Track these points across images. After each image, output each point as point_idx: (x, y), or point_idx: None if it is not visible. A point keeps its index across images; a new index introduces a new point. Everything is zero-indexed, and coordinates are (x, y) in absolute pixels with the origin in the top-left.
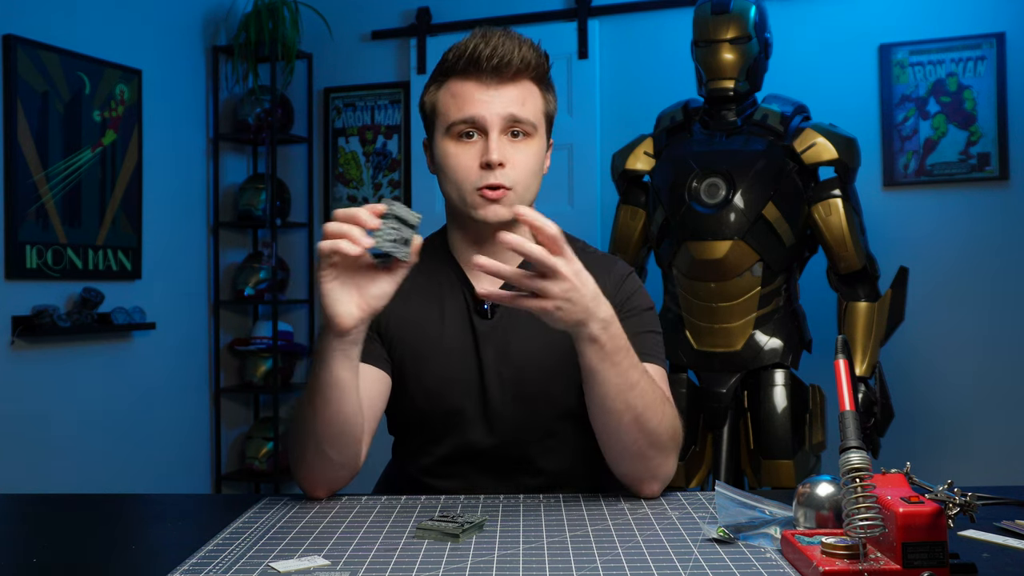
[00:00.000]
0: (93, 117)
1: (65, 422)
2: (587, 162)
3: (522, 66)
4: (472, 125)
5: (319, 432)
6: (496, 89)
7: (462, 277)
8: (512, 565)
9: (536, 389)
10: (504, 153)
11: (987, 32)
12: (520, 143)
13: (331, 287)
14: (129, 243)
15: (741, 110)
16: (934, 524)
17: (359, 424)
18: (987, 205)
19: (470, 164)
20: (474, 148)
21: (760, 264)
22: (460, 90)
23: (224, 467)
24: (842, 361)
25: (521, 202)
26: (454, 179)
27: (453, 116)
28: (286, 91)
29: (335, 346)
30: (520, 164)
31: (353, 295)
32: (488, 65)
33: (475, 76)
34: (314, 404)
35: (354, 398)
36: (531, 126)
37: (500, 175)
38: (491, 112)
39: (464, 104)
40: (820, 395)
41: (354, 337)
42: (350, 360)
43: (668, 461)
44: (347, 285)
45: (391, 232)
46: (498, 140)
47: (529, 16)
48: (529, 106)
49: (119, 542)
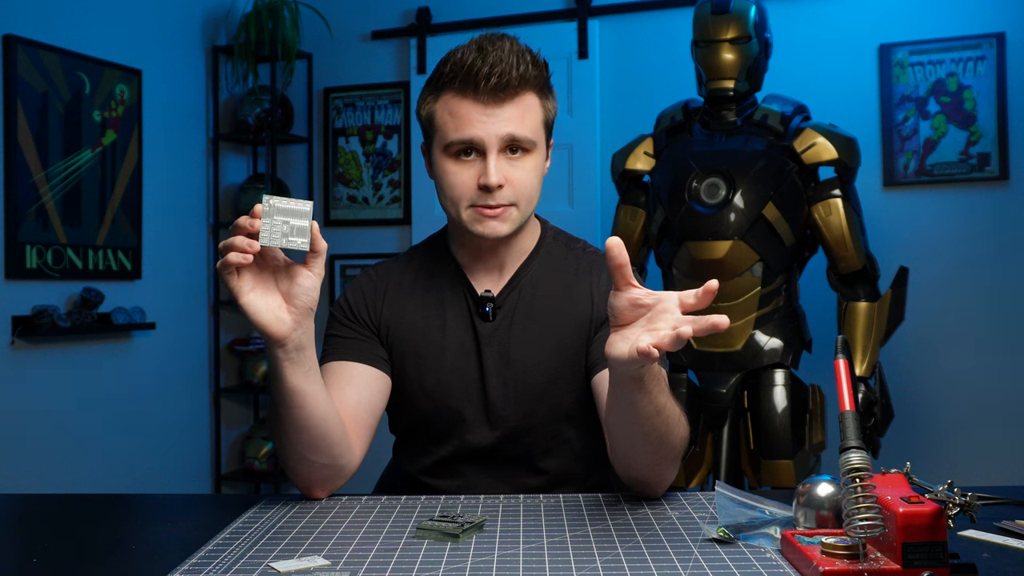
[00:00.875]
0: (93, 117)
1: (65, 422)
2: (587, 162)
3: (521, 82)
4: (470, 145)
5: (294, 440)
6: (495, 108)
7: (463, 279)
8: (512, 565)
9: (537, 390)
10: (503, 172)
11: (987, 32)
12: (519, 160)
13: (249, 299)
14: (129, 243)
15: (741, 110)
16: (934, 524)
17: (336, 426)
18: (987, 205)
19: (468, 183)
20: (472, 168)
21: (760, 264)
22: (457, 109)
23: (224, 467)
24: (842, 361)
25: (523, 215)
26: (451, 196)
27: (451, 136)
28: (286, 91)
29: (280, 356)
30: (520, 181)
31: (276, 300)
32: (486, 85)
33: (472, 95)
34: (279, 415)
35: (321, 403)
36: (530, 143)
37: (499, 195)
38: (489, 134)
39: (462, 124)
40: (820, 395)
41: (296, 343)
42: (302, 368)
43: (675, 467)
44: (267, 292)
45: (280, 227)
46: (496, 161)
47: (529, 16)
48: (528, 121)
49: (119, 542)
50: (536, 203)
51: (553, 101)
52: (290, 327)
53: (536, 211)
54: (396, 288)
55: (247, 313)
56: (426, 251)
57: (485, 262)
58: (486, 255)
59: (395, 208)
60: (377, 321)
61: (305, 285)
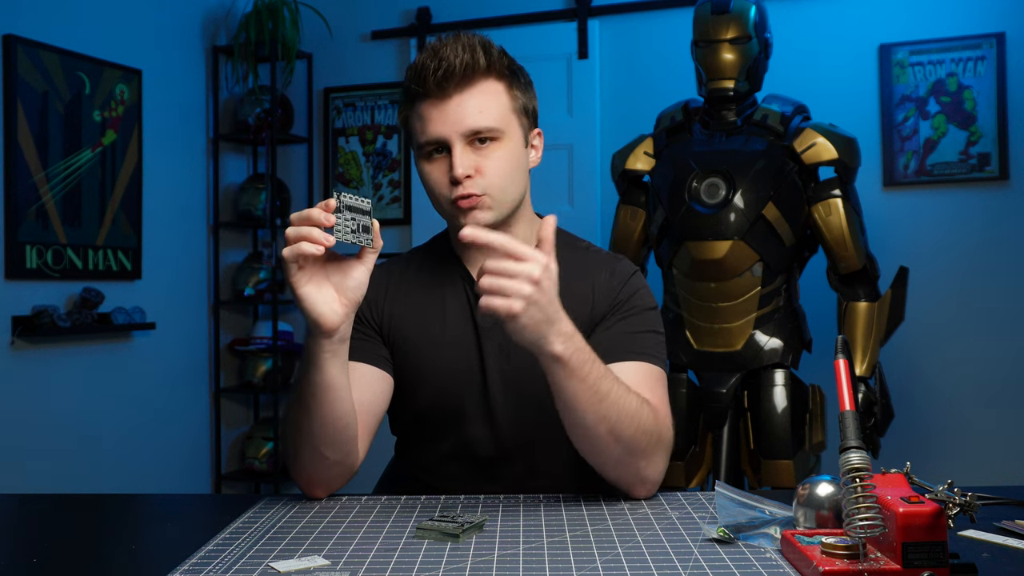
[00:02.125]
0: (93, 117)
1: (65, 422)
2: (587, 162)
3: (469, 71)
4: (437, 144)
5: (315, 434)
6: (451, 101)
7: (464, 274)
8: (512, 565)
9: (537, 387)
10: (472, 163)
11: (987, 32)
12: (488, 149)
13: (306, 291)
14: (129, 243)
15: (741, 110)
16: (934, 524)
17: (354, 423)
18: (987, 205)
19: (442, 180)
20: (444, 164)
21: (760, 264)
22: (421, 111)
23: (224, 467)
24: (842, 361)
25: (500, 204)
26: (433, 195)
27: (420, 138)
28: (286, 91)
29: (324, 348)
30: (490, 170)
31: (330, 292)
32: (435, 79)
33: (429, 94)
34: (308, 407)
35: (347, 397)
36: (495, 131)
37: (470, 185)
38: (448, 129)
39: (426, 125)
40: (820, 395)
41: (342, 335)
42: (340, 360)
43: (653, 464)
44: (321, 285)
45: (349, 223)
46: (463, 153)
47: (529, 16)
48: (490, 111)
49: (119, 542)
50: (519, 193)
51: (524, 90)
52: (341, 318)
53: (536, 211)
54: (397, 286)
55: (303, 304)
56: (428, 249)
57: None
58: (477, 256)
59: (395, 208)
60: (379, 320)
61: (359, 279)
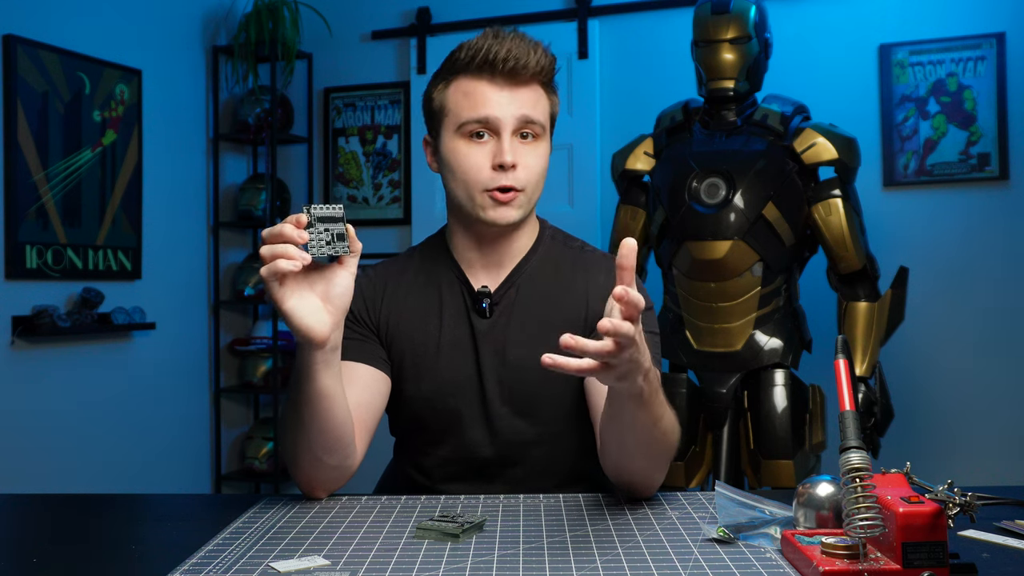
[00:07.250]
0: (93, 117)
1: (65, 422)
2: (587, 162)
3: (536, 70)
4: (485, 125)
5: (313, 442)
6: (510, 91)
7: (461, 276)
8: (512, 565)
9: (534, 389)
10: (516, 155)
11: (987, 32)
12: (530, 145)
13: (291, 305)
14: (129, 243)
15: (741, 110)
16: (934, 524)
17: (350, 428)
18: (987, 205)
19: (481, 164)
20: (486, 148)
21: (760, 264)
22: (473, 89)
23: (224, 467)
24: (842, 361)
25: (529, 202)
26: (463, 179)
27: (465, 115)
28: (286, 91)
29: (317, 359)
30: (531, 166)
31: (316, 303)
32: (504, 67)
33: (488, 77)
34: (303, 417)
35: (343, 404)
36: (541, 127)
37: (512, 177)
38: (505, 113)
39: (477, 103)
40: (820, 395)
41: (333, 343)
42: (333, 368)
43: (664, 470)
44: (306, 296)
45: (323, 235)
46: (512, 140)
47: (529, 16)
48: (540, 108)
49: (119, 542)
50: (540, 194)
51: (557, 99)
52: (330, 328)
53: (536, 211)
54: (395, 287)
55: (290, 319)
56: (424, 250)
57: (484, 258)
58: (486, 250)
59: (395, 208)
60: (376, 321)
61: (344, 284)
